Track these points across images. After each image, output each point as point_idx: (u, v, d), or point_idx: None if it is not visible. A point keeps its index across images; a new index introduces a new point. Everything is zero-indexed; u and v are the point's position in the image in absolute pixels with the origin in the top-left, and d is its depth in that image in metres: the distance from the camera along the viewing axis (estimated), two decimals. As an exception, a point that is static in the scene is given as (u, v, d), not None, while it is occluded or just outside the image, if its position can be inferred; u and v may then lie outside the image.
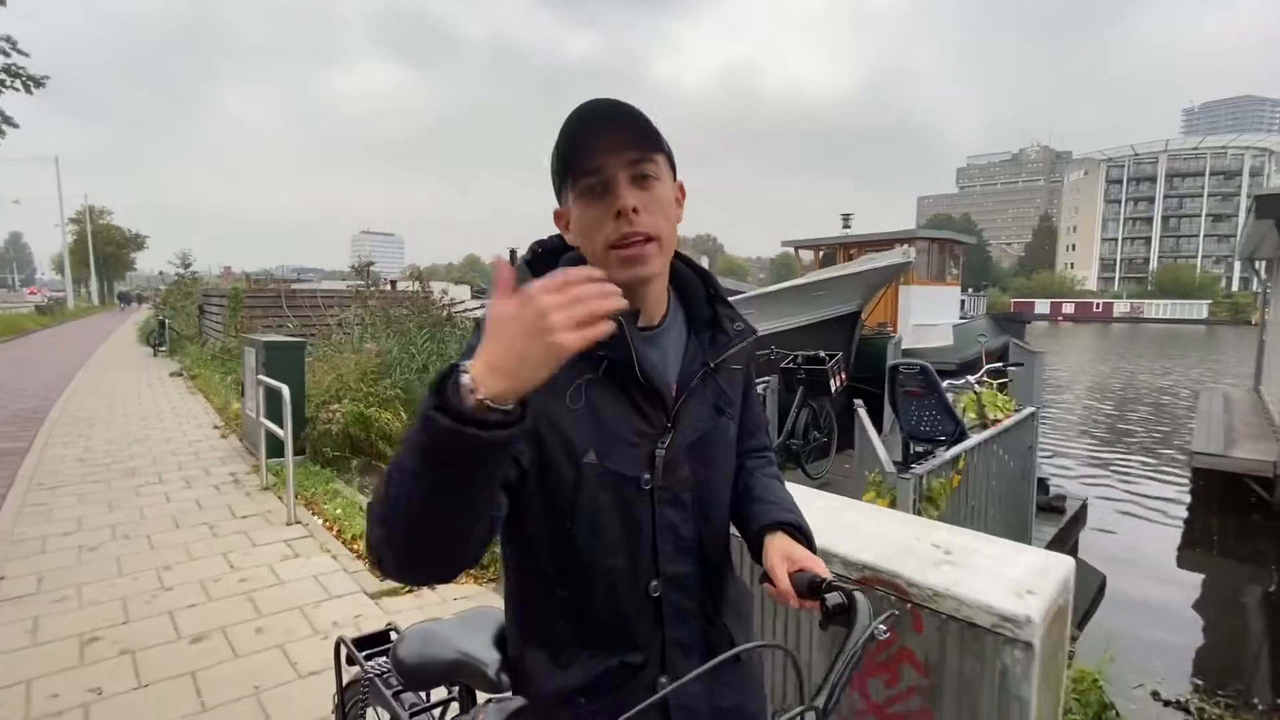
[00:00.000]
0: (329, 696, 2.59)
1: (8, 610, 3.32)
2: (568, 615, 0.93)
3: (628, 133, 0.86)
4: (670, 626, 0.95)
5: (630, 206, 0.85)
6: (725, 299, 1.04)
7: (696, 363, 0.98)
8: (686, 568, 0.96)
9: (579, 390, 0.89)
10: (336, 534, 4.41)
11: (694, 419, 0.97)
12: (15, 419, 8.25)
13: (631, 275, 0.88)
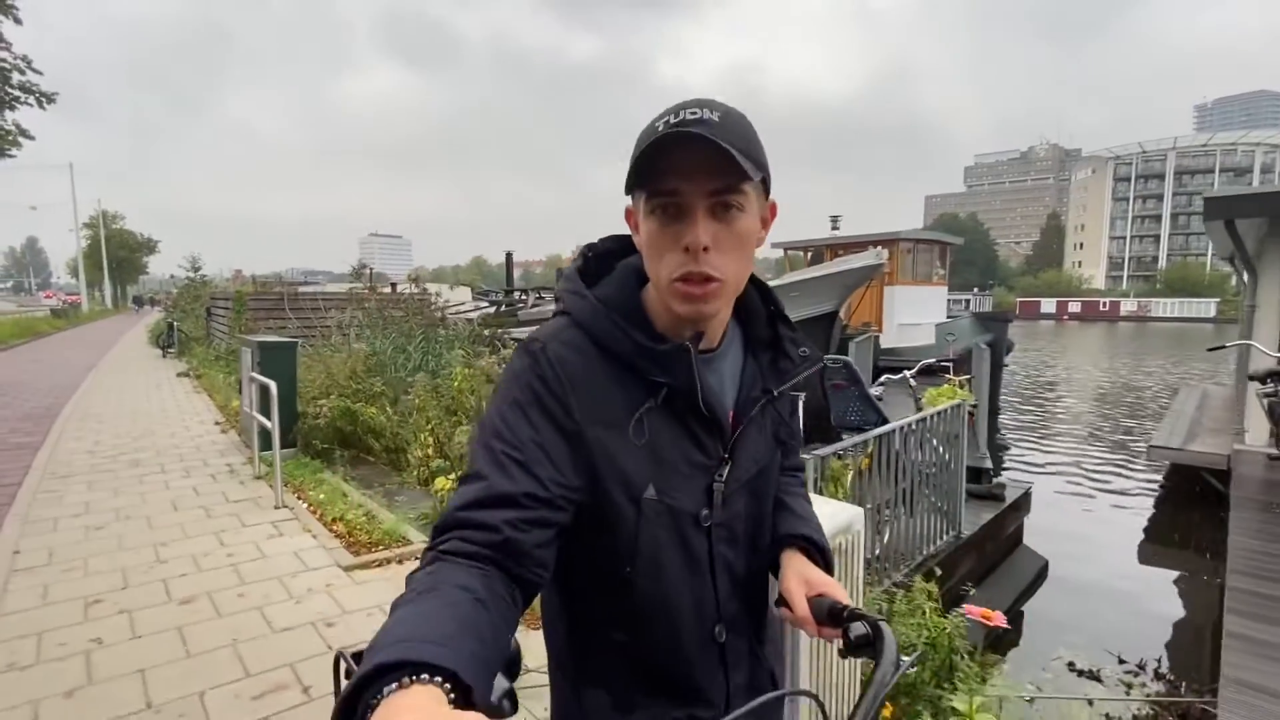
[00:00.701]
0: (297, 649, 3.01)
1: (22, 578, 3.76)
2: (627, 660, 0.87)
3: (715, 159, 0.76)
4: (733, 672, 0.91)
5: (701, 245, 0.77)
6: (787, 319, 0.97)
7: (756, 389, 0.92)
8: (739, 606, 0.93)
9: (641, 423, 0.82)
10: (319, 516, 4.83)
11: (753, 451, 0.92)
12: (30, 416, 8.75)
13: (693, 312, 0.81)
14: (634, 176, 0.79)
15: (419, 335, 9.86)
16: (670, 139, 0.75)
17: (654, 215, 0.80)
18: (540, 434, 0.78)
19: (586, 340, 0.83)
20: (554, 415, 0.79)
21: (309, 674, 2.84)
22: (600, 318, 0.84)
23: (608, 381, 0.82)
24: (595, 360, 0.82)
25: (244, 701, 2.64)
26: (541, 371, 0.80)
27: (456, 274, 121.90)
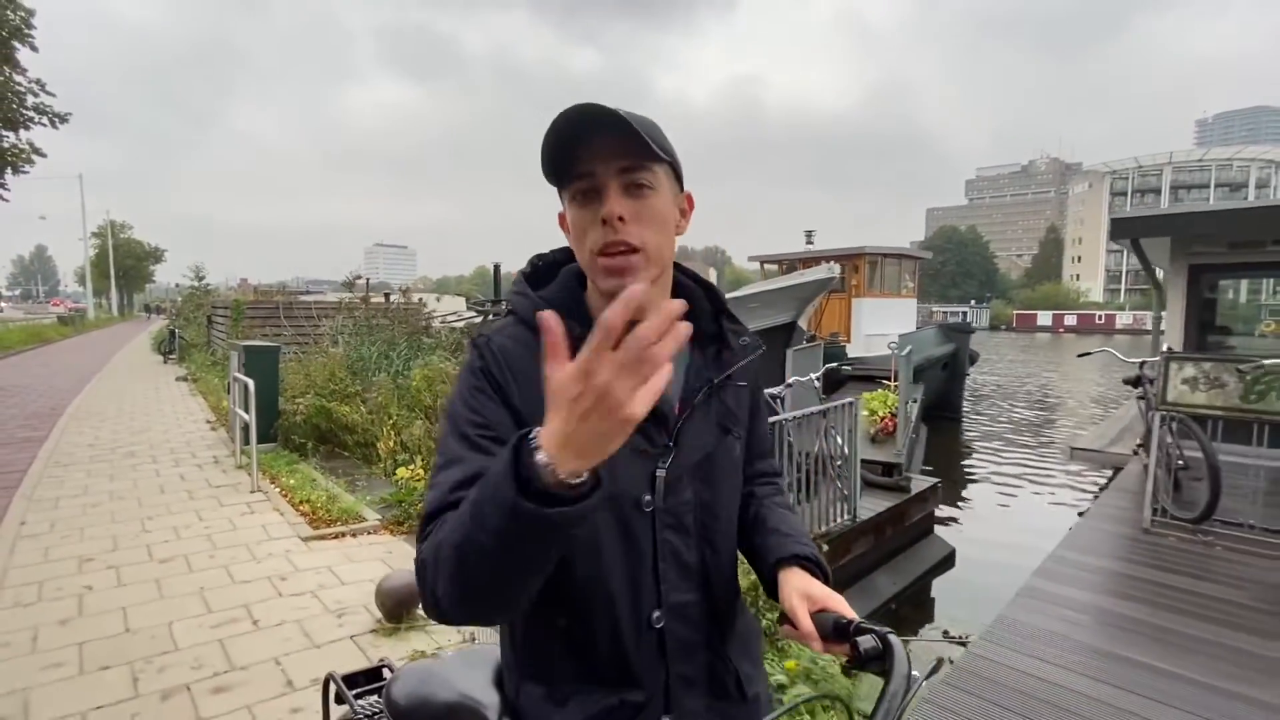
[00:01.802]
0: (252, 595, 3.65)
1: (27, 542, 4.42)
2: (566, 646, 0.89)
3: (621, 139, 0.81)
4: (674, 661, 0.91)
5: (616, 214, 0.82)
6: (731, 313, 1.02)
7: (701, 379, 0.95)
8: (690, 596, 0.92)
9: None
10: (288, 499, 5.48)
11: (698, 438, 0.94)
12: (37, 414, 9.45)
13: (615, 285, 0.84)
14: (549, 166, 0.84)
15: (402, 342, 10.54)
16: (572, 122, 0.80)
17: (574, 201, 0.85)
18: (501, 410, 0.84)
19: (528, 334, 0.87)
20: (502, 400, 0.85)
21: (259, 612, 3.49)
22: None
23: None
24: (536, 352, 0.82)
25: (204, 629, 3.28)
26: (485, 362, 0.87)
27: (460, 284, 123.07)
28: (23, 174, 12.06)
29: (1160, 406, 4.84)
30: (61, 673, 2.86)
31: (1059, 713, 2.57)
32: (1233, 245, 7.22)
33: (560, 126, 0.80)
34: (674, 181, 0.90)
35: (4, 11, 10.55)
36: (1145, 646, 3.09)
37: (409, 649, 3.12)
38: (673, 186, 0.89)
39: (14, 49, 10.88)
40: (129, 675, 2.85)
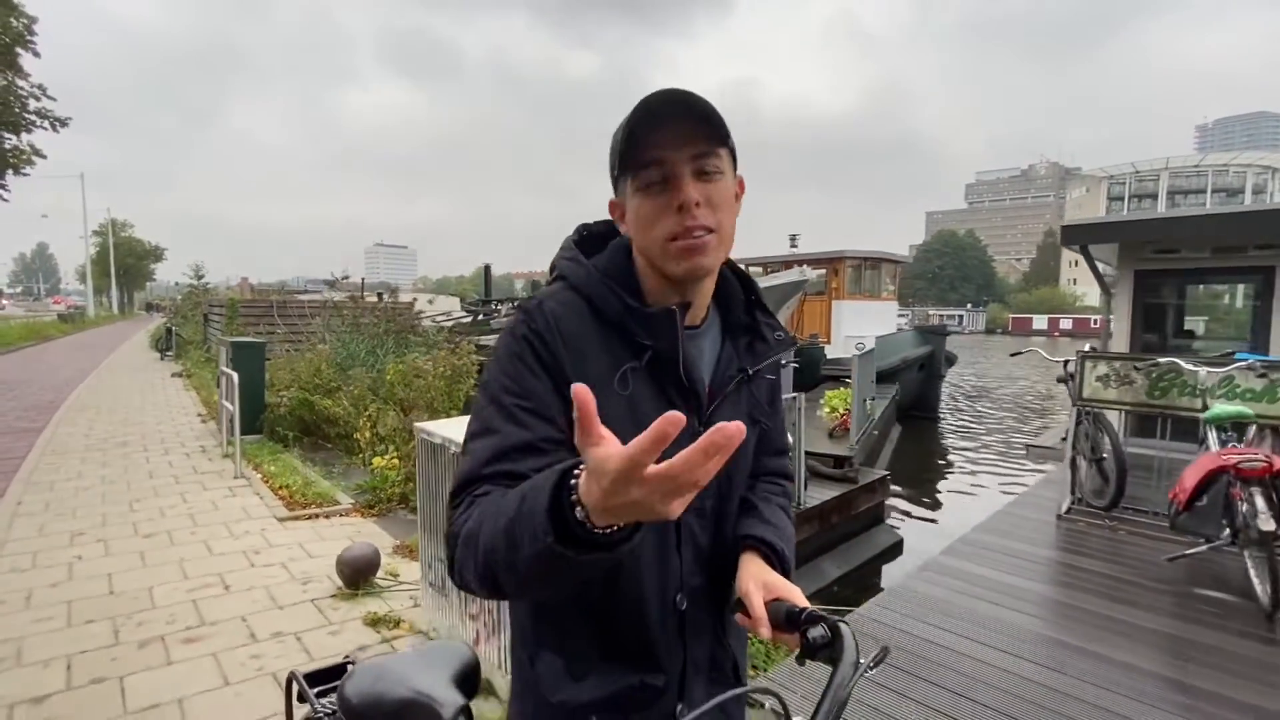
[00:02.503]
0: (227, 566, 4.02)
1: (23, 520, 4.79)
2: (591, 621, 0.88)
3: (694, 125, 0.81)
4: (691, 645, 0.92)
5: (694, 200, 0.82)
6: (765, 305, 1.01)
7: (733, 368, 0.95)
8: (702, 580, 0.93)
9: (625, 378, 0.85)
10: (268, 484, 5.85)
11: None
12: (35, 407, 9.82)
13: (692, 266, 0.84)
14: (621, 157, 0.84)
15: (389, 340, 10.92)
16: (651, 110, 0.79)
17: (641, 192, 0.83)
18: (542, 381, 0.82)
19: (580, 300, 0.88)
20: (548, 365, 0.83)
21: (231, 579, 3.86)
22: (594, 281, 0.89)
23: (597, 340, 0.86)
24: (587, 319, 0.87)
25: (180, 592, 3.66)
26: (535, 325, 0.85)
27: (460, 284, 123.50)
28: (23, 175, 12.43)
29: (1077, 402, 5.20)
30: (51, 625, 3.24)
31: (934, 668, 2.91)
32: (1158, 252, 7.60)
33: (636, 115, 0.80)
34: (732, 166, 0.89)
35: (7, 18, 10.93)
36: (1033, 615, 3.43)
37: (364, 611, 3.48)
38: (732, 170, 0.88)
39: (17, 55, 11.26)
40: (111, 628, 3.22)
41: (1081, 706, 2.57)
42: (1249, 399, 4.46)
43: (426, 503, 3.22)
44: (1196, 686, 2.74)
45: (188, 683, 2.77)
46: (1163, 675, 2.84)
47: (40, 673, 2.82)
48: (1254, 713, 2.55)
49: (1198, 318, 8.40)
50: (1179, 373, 4.61)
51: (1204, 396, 4.50)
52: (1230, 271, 7.59)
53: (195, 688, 2.73)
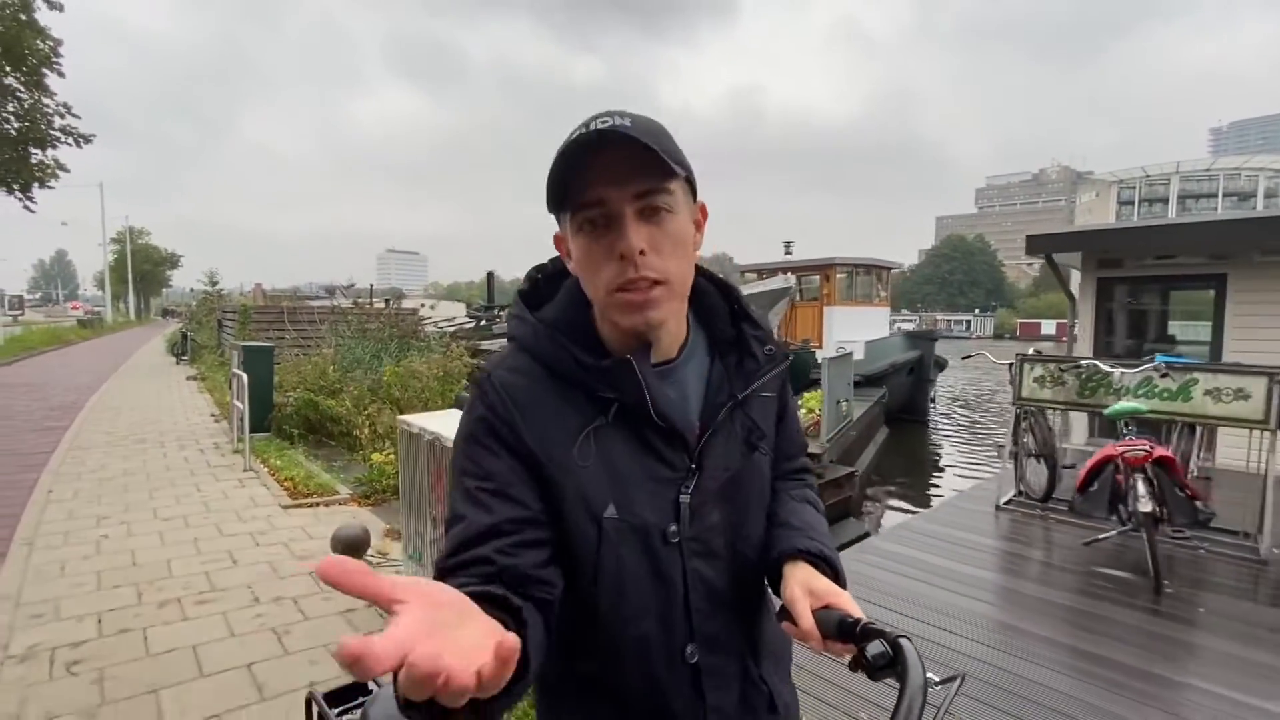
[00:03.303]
0: (236, 546, 4.52)
1: (55, 505, 5.32)
2: (599, 693, 0.84)
3: (636, 160, 0.73)
4: (710, 692, 0.85)
5: (636, 249, 0.74)
6: (752, 317, 0.92)
7: (723, 395, 0.87)
8: (721, 623, 0.86)
9: (588, 440, 0.80)
10: (274, 476, 6.36)
11: (722, 459, 0.86)
12: (59, 408, 10.42)
13: (640, 321, 0.78)
14: (554, 193, 0.76)
15: (392, 344, 11.47)
16: (584, 145, 0.72)
17: (582, 231, 0.77)
18: (502, 460, 0.78)
19: (533, 363, 0.83)
20: (507, 441, 0.79)
21: (239, 555, 4.35)
22: (543, 339, 0.83)
23: (558, 402, 0.81)
24: (543, 382, 0.82)
25: (195, 565, 4.15)
26: (489, 400, 0.81)
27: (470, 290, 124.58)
28: (49, 188, 13.11)
29: (1016, 401, 5.61)
30: (84, 589, 3.74)
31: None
32: (1102, 263, 8.00)
33: (569, 148, 0.74)
34: (689, 195, 0.82)
35: (34, 41, 11.61)
36: (966, 595, 3.79)
37: (354, 582, 3.95)
38: (688, 200, 0.82)
39: (43, 75, 11.95)
40: (135, 591, 3.72)
41: (1002, 674, 2.87)
42: (1165, 398, 4.85)
43: (407, 486, 3.70)
44: (1095, 653, 3.10)
45: (200, 634, 3.26)
46: (1071, 645, 3.20)
47: (75, 625, 3.32)
48: (1138, 675, 2.90)
49: (1167, 322, 8.74)
50: (1101, 374, 5.02)
51: (1119, 395, 4.91)
52: (1188, 279, 7.96)
53: (206, 638, 3.22)
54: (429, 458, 3.44)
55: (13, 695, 2.71)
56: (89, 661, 2.98)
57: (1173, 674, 2.92)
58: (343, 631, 3.29)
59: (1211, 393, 4.65)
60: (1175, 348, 8.55)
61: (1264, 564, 4.23)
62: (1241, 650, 3.09)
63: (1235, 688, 2.75)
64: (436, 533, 3.38)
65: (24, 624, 3.33)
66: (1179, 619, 3.47)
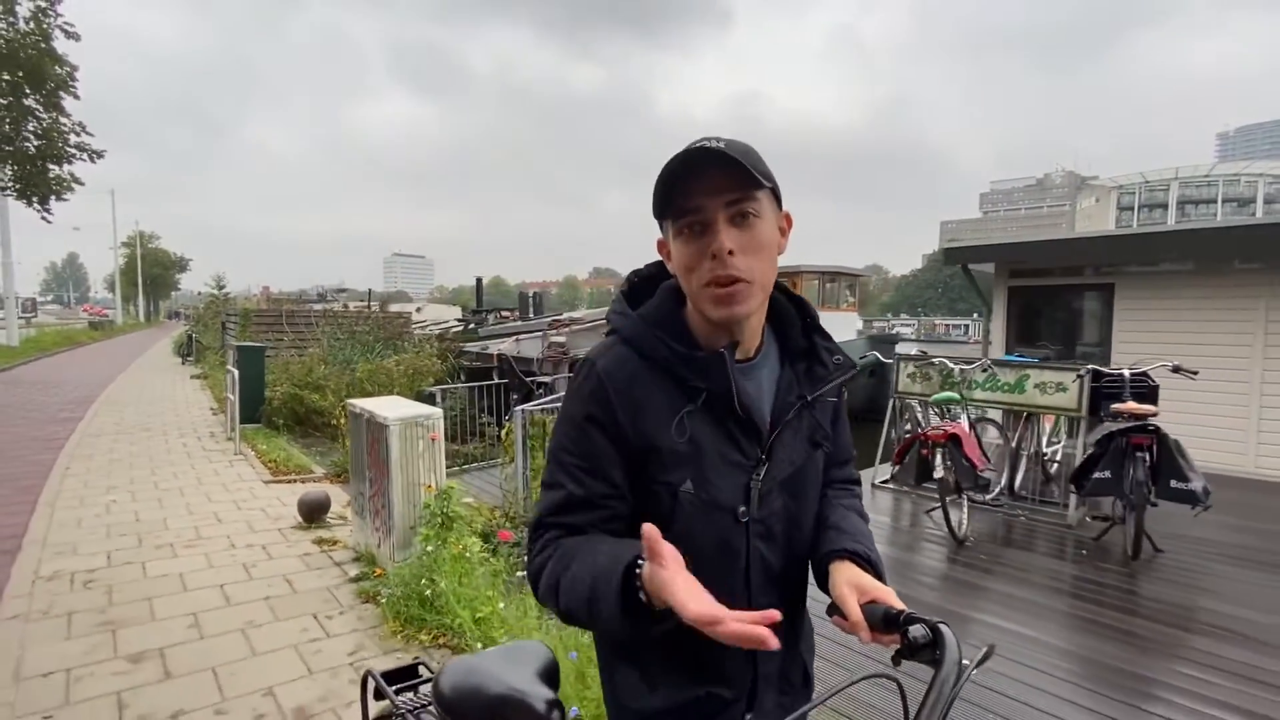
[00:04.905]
0: (223, 510, 5.46)
1: (71, 479, 6.29)
2: (659, 641, 0.88)
3: (728, 173, 0.85)
4: (762, 662, 0.97)
5: (726, 249, 0.85)
6: (823, 330, 1.04)
7: (792, 395, 0.98)
8: (773, 598, 0.97)
9: (682, 423, 0.91)
10: (259, 458, 7.32)
11: (789, 452, 0.97)
12: (73, 401, 11.44)
13: (726, 314, 0.88)
14: (659, 204, 0.89)
15: (379, 345, 12.42)
16: (685, 162, 0.85)
17: (681, 235, 0.89)
18: (595, 443, 0.92)
19: (631, 353, 0.94)
20: (603, 424, 0.92)
21: (223, 515, 5.29)
22: (642, 332, 0.95)
23: (651, 388, 0.92)
24: (640, 370, 0.93)
25: (187, 521, 5.11)
26: (591, 385, 0.93)
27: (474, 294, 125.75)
28: (64, 200, 14.18)
29: (894, 394, 6.50)
30: (95, 536, 4.70)
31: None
32: (1013, 273, 8.88)
33: (673, 164, 0.85)
34: (775, 204, 0.93)
35: (53, 67, 12.68)
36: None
37: (314, 536, 4.88)
38: (774, 209, 0.93)
39: (60, 97, 13.01)
40: (136, 538, 4.68)
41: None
42: (1006, 390, 5.74)
43: (354, 454, 4.63)
44: (906, 594, 3.99)
45: (186, 566, 4.20)
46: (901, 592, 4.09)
47: (89, 559, 4.27)
48: (943, 613, 3.62)
49: (1069, 326, 9.59)
50: (948, 370, 5.92)
51: (970, 388, 5.80)
52: (1084, 287, 8.82)
53: (190, 569, 4.16)
54: (366, 432, 4.37)
55: (43, 601, 3.66)
56: (100, 581, 3.92)
57: (962, 609, 3.72)
58: (298, 570, 4.22)
59: (1039, 386, 5.55)
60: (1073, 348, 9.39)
61: (1069, 527, 5.12)
62: (1017, 590, 3.94)
63: (1003, 618, 3.56)
64: (372, 490, 4.31)
65: (50, 558, 4.28)
66: (976, 567, 4.36)
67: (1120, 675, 2.93)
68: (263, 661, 3.06)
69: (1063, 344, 9.02)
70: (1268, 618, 3.53)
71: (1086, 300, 8.84)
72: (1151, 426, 4.29)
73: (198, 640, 3.25)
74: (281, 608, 3.63)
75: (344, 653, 3.15)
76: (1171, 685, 2.87)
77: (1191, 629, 3.42)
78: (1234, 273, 7.32)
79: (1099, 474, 4.28)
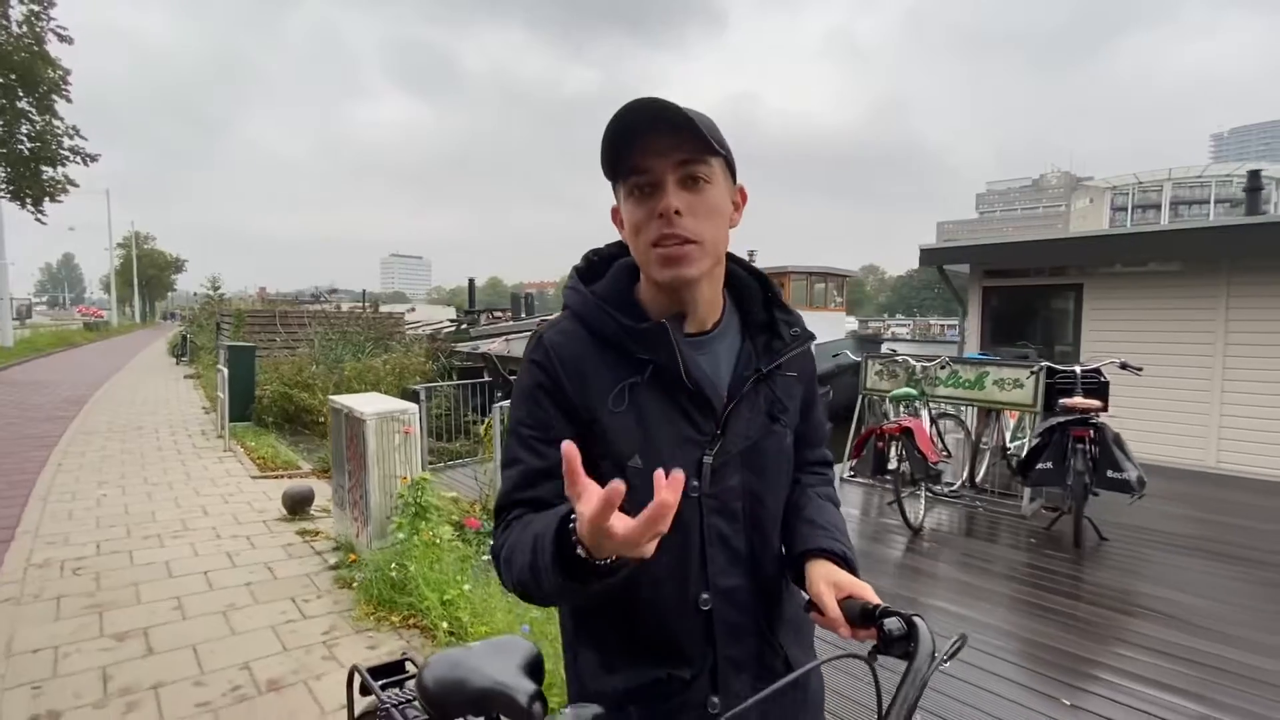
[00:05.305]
0: (209, 504, 5.66)
1: (63, 474, 6.48)
2: (618, 621, 0.94)
3: (678, 134, 0.84)
4: (723, 643, 0.94)
5: (673, 208, 0.84)
6: (783, 303, 1.03)
7: (749, 369, 0.97)
8: (738, 581, 0.95)
9: (622, 393, 0.91)
10: (248, 455, 7.50)
11: (745, 426, 0.96)
12: (67, 401, 11.61)
13: (672, 275, 0.88)
14: (608, 163, 0.88)
15: (367, 345, 12.62)
16: (634, 114, 0.83)
17: (631, 197, 0.88)
18: (547, 411, 0.92)
19: (580, 328, 0.95)
20: (552, 394, 0.92)
21: (210, 508, 5.48)
22: (590, 306, 0.95)
23: (598, 362, 0.93)
24: (588, 344, 0.94)
25: (174, 513, 5.30)
26: (538, 357, 0.95)
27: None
28: (58, 202, 14.36)
29: (862, 391, 6.71)
30: (86, 527, 4.89)
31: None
32: (987, 273, 9.10)
33: (618, 122, 0.83)
34: (728, 175, 0.92)
35: (45, 71, 12.85)
36: None
37: (297, 527, 5.07)
38: (727, 180, 0.92)
39: (53, 101, 13.19)
40: (125, 529, 4.87)
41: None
42: (966, 387, 5.96)
43: (334, 449, 4.82)
44: (873, 585, 4.21)
45: (172, 555, 4.39)
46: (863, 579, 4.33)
47: (79, 548, 4.47)
48: (897, 599, 3.85)
49: (1041, 325, 9.82)
50: (911, 367, 6.13)
51: (934, 385, 6.01)
52: (1054, 288, 9.04)
53: (176, 557, 4.35)
54: (346, 426, 4.56)
55: (34, 586, 3.85)
56: (89, 569, 4.11)
57: (915, 594, 3.91)
58: (280, 558, 4.42)
59: (998, 382, 5.77)
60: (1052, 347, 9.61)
61: (1023, 518, 5.33)
62: (967, 576, 4.16)
63: (953, 603, 3.76)
64: (350, 482, 4.50)
65: (41, 547, 4.48)
66: (931, 556, 4.57)
67: (1062, 656, 3.10)
68: (241, 640, 3.25)
69: (1034, 343, 9.25)
70: (1199, 601, 3.74)
71: (1057, 300, 9.06)
72: (1093, 420, 4.51)
73: (180, 621, 3.44)
74: (261, 592, 3.83)
75: (318, 632, 3.34)
76: (1109, 665, 3.05)
77: (1130, 612, 3.61)
78: (1195, 273, 7.55)
79: (1042, 465, 4.49)
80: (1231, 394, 7.32)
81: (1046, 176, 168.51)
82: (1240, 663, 3.03)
